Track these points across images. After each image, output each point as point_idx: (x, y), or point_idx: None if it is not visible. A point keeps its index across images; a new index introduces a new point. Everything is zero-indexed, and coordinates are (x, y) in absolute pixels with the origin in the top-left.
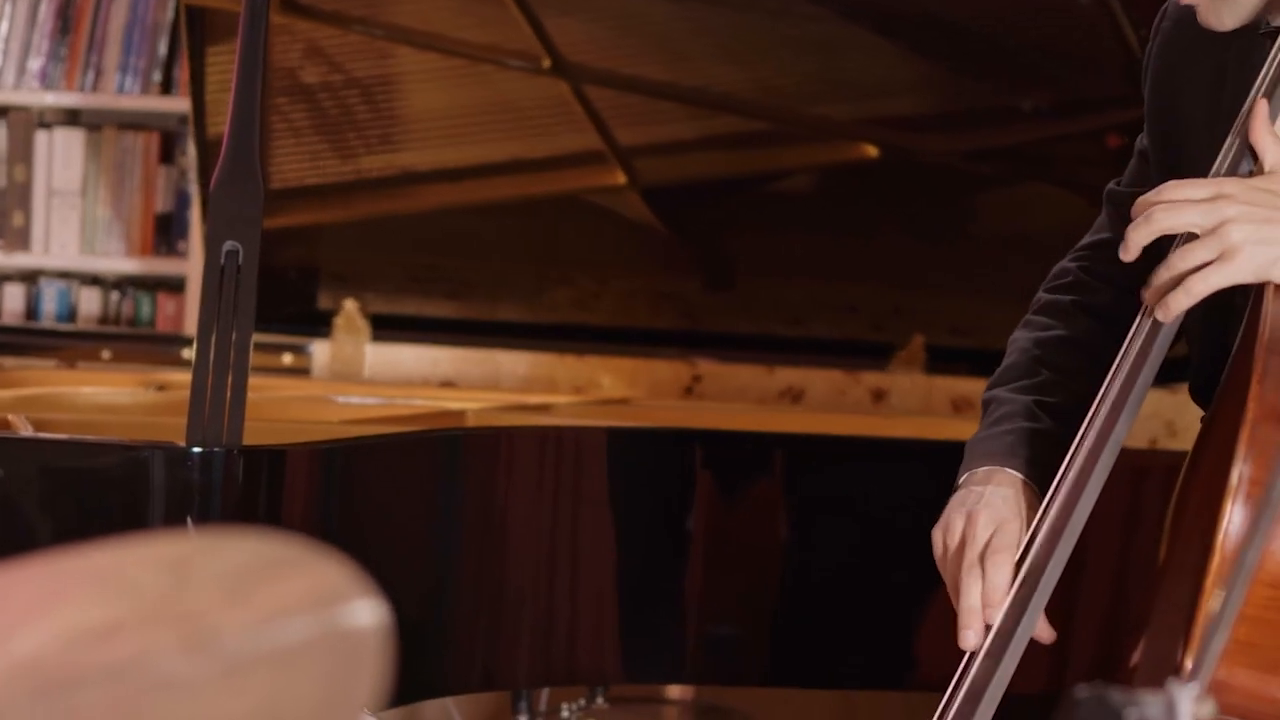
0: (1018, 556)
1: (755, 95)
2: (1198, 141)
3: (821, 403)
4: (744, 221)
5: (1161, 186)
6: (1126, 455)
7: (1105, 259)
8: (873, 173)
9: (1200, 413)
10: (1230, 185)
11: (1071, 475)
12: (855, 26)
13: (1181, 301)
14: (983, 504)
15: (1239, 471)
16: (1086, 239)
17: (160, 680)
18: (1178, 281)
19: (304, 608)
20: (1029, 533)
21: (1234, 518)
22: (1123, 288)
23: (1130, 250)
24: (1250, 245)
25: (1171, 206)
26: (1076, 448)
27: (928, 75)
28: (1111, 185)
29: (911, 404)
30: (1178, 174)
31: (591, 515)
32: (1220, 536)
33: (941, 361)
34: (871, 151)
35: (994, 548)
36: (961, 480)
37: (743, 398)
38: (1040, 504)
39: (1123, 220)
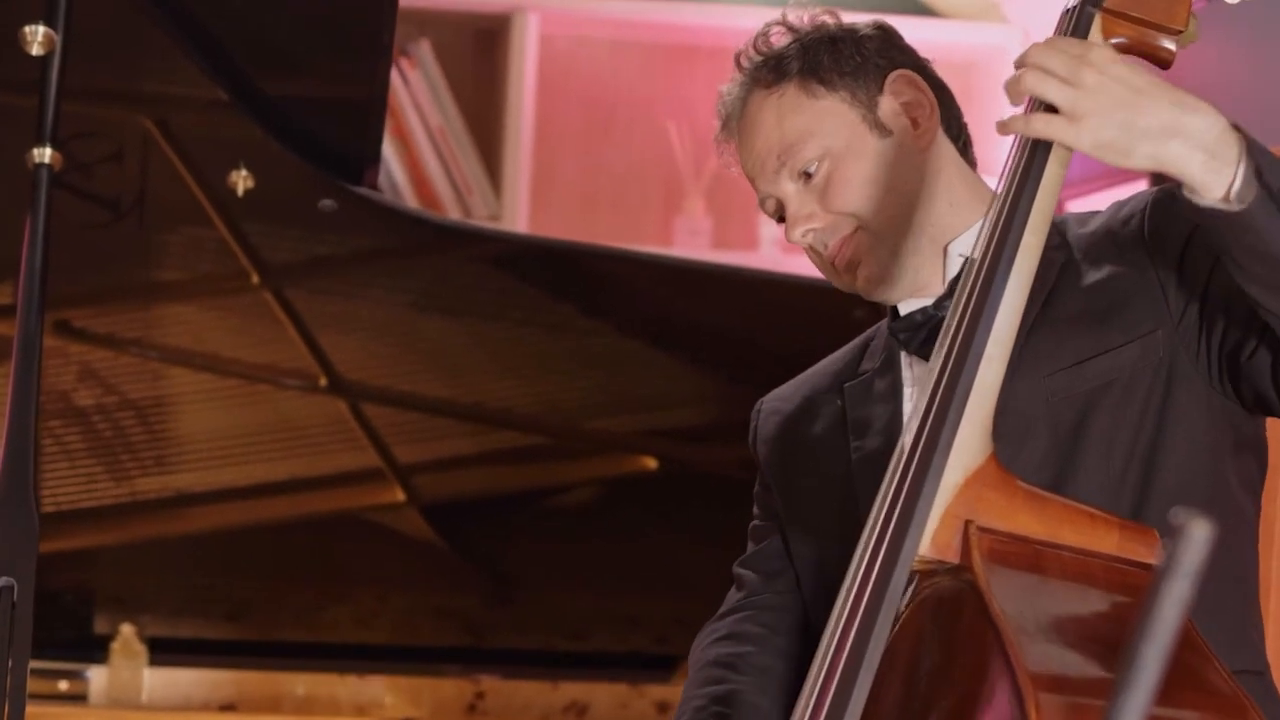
0: None
1: (534, 410)
2: (829, 495)
3: (605, 717)
4: (524, 535)
5: (1030, 47)
6: None
7: (763, 621)
8: (652, 483)
9: None
10: (1097, 54)
11: None
12: (634, 340)
13: (1018, 126)
14: None
15: None
16: (730, 605)
17: None
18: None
19: None
20: None
21: None
22: (786, 633)
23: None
24: (1097, 118)
25: (1041, 76)
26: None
27: (706, 387)
28: (736, 567)
29: None
30: (814, 536)
31: None
32: None
33: None
34: (651, 463)
35: None
36: None
37: (526, 714)
38: None
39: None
